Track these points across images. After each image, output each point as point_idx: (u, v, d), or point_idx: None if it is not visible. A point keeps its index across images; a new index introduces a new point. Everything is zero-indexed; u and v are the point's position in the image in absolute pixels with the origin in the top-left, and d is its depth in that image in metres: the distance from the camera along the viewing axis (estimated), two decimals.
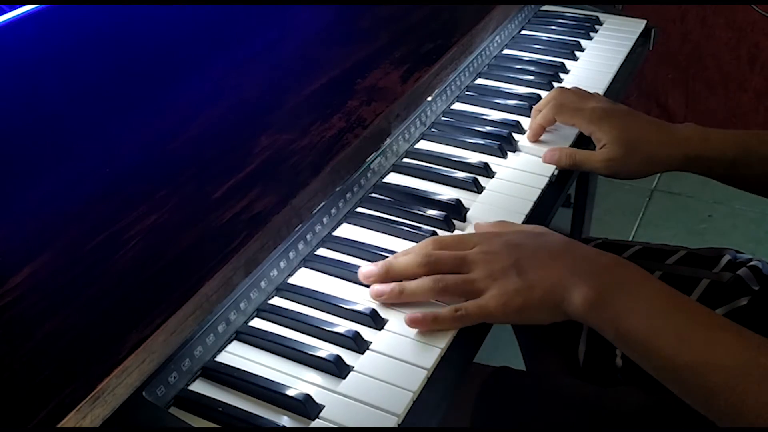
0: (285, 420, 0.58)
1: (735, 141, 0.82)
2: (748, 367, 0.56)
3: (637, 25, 1.16)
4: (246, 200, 0.68)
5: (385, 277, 0.69)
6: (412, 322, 0.65)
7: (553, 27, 1.16)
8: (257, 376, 0.61)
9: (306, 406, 0.58)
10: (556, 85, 1.02)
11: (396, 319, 0.67)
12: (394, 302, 0.68)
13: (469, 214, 0.79)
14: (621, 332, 0.61)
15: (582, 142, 0.90)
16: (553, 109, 0.88)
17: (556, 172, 0.86)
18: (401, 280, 0.68)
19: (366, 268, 0.69)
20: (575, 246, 0.68)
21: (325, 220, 0.75)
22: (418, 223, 0.77)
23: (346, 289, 0.70)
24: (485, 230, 0.74)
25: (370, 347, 0.64)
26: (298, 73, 0.87)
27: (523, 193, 0.82)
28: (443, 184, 0.83)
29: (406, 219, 0.78)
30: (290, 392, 0.59)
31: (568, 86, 1.01)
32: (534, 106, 0.92)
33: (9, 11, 0.76)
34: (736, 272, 0.85)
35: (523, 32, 1.16)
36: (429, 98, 0.91)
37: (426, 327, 0.65)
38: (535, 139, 0.89)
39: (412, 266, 0.68)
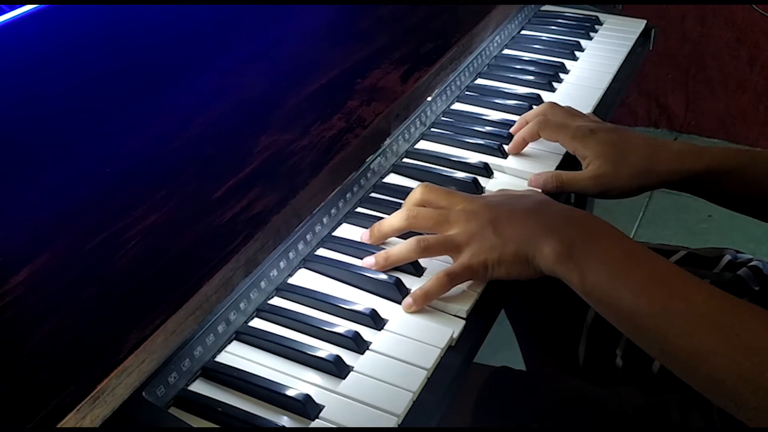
0: (285, 420, 0.58)
1: (727, 156, 0.81)
2: (704, 317, 0.58)
3: (637, 25, 1.16)
4: (246, 200, 0.68)
5: (377, 240, 0.74)
6: (407, 308, 0.67)
7: (553, 27, 1.16)
8: (257, 376, 0.61)
9: (306, 407, 0.58)
10: (556, 85, 1.02)
11: (396, 319, 0.67)
12: (386, 269, 0.71)
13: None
14: (586, 284, 0.64)
15: (570, 159, 0.87)
16: (538, 124, 0.86)
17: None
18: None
19: (367, 259, 0.72)
20: (550, 204, 0.71)
21: (325, 220, 0.75)
22: None
23: (345, 290, 0.70)
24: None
25: (370, 347, 0.64)
26: (298, 73, 0.87)
27: None
28: (443, 184, 0.83)
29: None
30: (290, 392, 0.59)
31: (568, 86, 1.02)
32: (522, 116, 0.90)
33: (9, 11, 0.76)
34: (737, 272, 0.85)
35: (523, 32, 1.16)
36: (429, 98, 0.91)
37: (419, 305, 0.67)
38: (516, 153, 0.87)
39: (397, 223, 0.72)
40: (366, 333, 0.65)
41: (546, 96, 0.99)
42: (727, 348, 0.57)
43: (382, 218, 0.77)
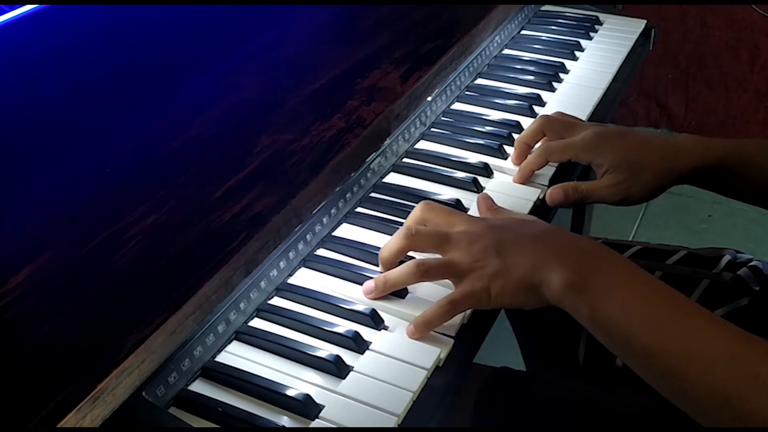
0: (285, 420, 0.58)
1: (735, 148, 0.80)
2: (724, 357, 0.56)
3: (637, 25, 1.16)
4: (246, 200, 0.68)
5: (384, 269, 0.70)
6: (410, 335, 0.65)
7: (553, 27, 1.16)
8: (257, 376, 0.61)
9: (306, 406, 0.58)
10: (556, 85, 1.02)
11: (396, 320, 0.67)
12: (384, 294, 0.68)
13: (468, 214, 0.79)
14: (596, 318, 0.62)
15: (564, 165, 0.86)
16: (543, 153, 0.84)
17: (554, 171, 0.86)
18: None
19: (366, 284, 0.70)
20: (558, 231, 0.68)
21: (324, 220, 0.75)
22: None
23: (346, 289, 0.70)
24: (483, 211, 0.76)
25: (370, 347, 0.64)
26: (298, 73, 0.87)
27: (523, 193, 0.82)
28: (443, 184, 0.83)
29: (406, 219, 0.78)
30: (290, 392, 0.59)
31: (568, 86, 1.01)
32: (518, 138, 0.87)
33: (9, 11, 0.76)
34: (737, 272, 0.85)
35: (523, 32, 1.16)
36: (429, 98, 0.91)
37: (422, 333, 0.65)
38: (524, 182, 0.84)
39: (397, 245, 0.69)
40: (366, 333, 0.65)
41: (546, 96, 0.99)
42: (748, 390, 0.54)
43: (381, 218, 0.77)
